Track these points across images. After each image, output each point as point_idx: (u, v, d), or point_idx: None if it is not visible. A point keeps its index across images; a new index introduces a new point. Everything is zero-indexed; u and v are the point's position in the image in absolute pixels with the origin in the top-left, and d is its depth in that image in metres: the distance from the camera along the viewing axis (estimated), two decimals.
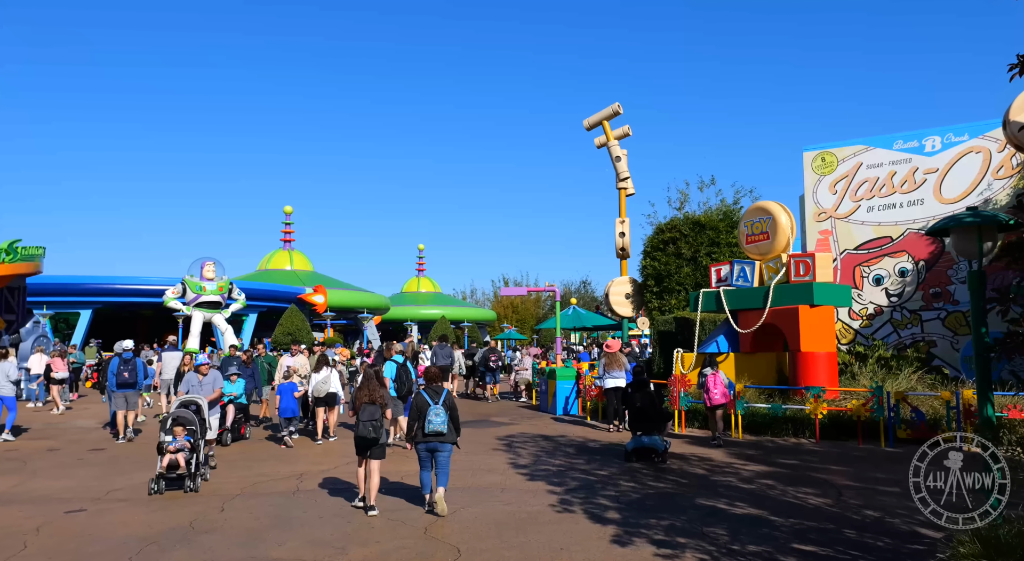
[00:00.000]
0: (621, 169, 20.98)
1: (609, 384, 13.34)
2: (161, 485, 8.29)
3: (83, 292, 35.20)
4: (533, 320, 67.61)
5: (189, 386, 10.34)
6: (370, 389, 7.76)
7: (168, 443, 8.51)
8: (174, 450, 8.42)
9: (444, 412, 7.30)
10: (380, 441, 7.54)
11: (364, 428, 7.47)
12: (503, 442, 12.16)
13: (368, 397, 7.68)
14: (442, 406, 7.32)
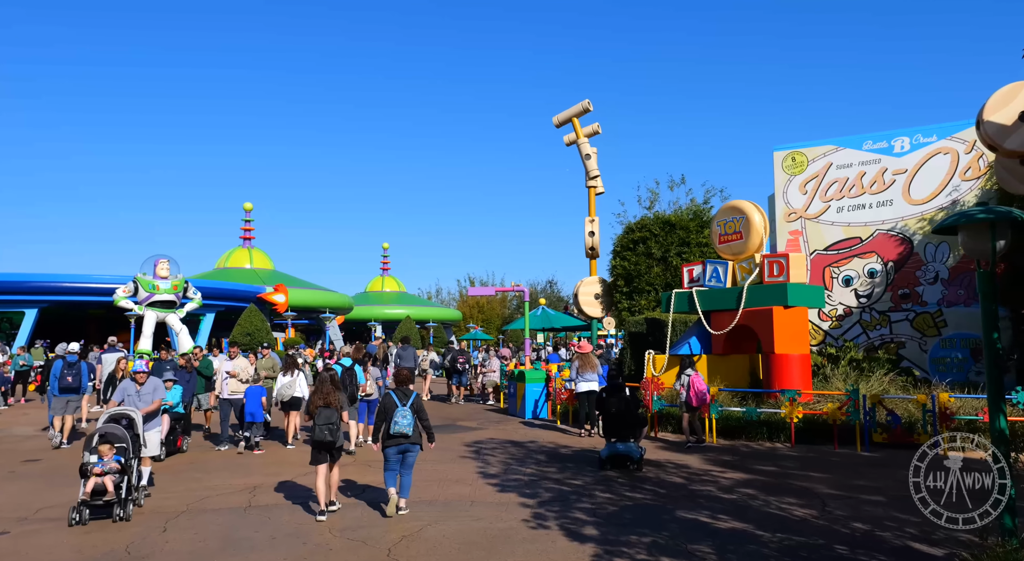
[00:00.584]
0: (591, 167, 20.64)
1: (582, 387, 12.93)
2: (84, 514, 7.11)
3: (27, 291, 33.62)
4: (499, 320, 67.17)
5: (124, 396, 8.67)
6: (324, 392, 7.68)
7: (93, 464, 7.31)
8: (100, 472, 7.25)
9: (411, 414, 7.35)
10: (337, 444, 7.54)
11: (320, 432, 7.40)
12: (471, 449, 11.65)
13: (323, 400, 7.61)
14: (409, 409, 7.37)
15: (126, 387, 8.77)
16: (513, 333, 48.64)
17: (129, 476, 7.45)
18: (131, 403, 8.53)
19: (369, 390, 11.97)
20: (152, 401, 8.77)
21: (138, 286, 27.60)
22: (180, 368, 12.40)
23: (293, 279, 45.83)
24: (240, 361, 12.22)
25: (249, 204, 48.80)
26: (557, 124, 21.48)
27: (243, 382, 11.89)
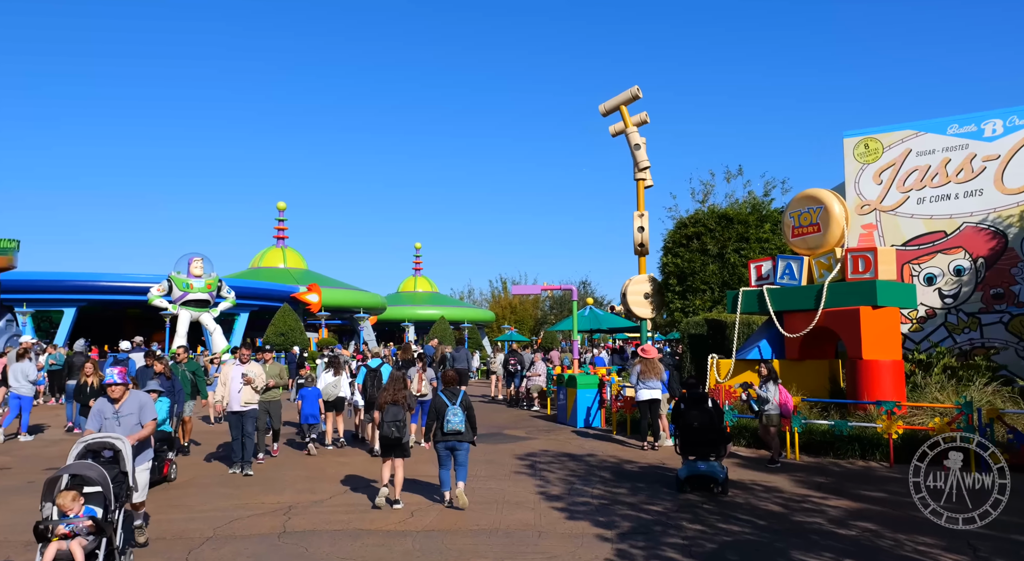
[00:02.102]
0: (640, 158, 19.36)
1: (644, 395, 11.73)
2: None
3: (66, 289, 33.45)
4: (532, 322, 66.08)
5: (100, 420, 6.23)
6: (393, 390, 8.02)
7: (53, 524, 5.02)
8: (67, 535, 4.96)
9: (461, 412, 7.67)
10: (403, 440, 7.80)
11: (387, 428, 7.74)
12: (525, 463, 10.54)
13: (391, 397, 7.93)
14: (459, 406, 7.68)
15: (101, 408, 6.30)
16: (548, 334, 47.45)
17: (110, 536, 5.15)
18: (110, 430, 6.13)
19: (424, 391, 11.68)
20: (142, 425, 6.29)
21: (172, 285, 27.19)
22: (158, 375, 10.39)
23: (326, 279, 45.33)
24: (254, 366, 10.22)
25: (283, 203, 48.51)
26: (604, 113, 20.24)
27: (258, 391, 10.05)
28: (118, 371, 6.35)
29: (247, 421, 9.82)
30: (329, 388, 11.91)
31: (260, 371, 10.19)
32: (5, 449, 11.98)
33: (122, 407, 6.29)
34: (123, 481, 5.57)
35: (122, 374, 6.36)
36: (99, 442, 5.72)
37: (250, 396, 9.91)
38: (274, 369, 10.91)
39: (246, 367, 10.02)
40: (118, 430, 6.10)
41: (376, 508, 7.63)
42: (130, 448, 5.75)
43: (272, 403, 10.78)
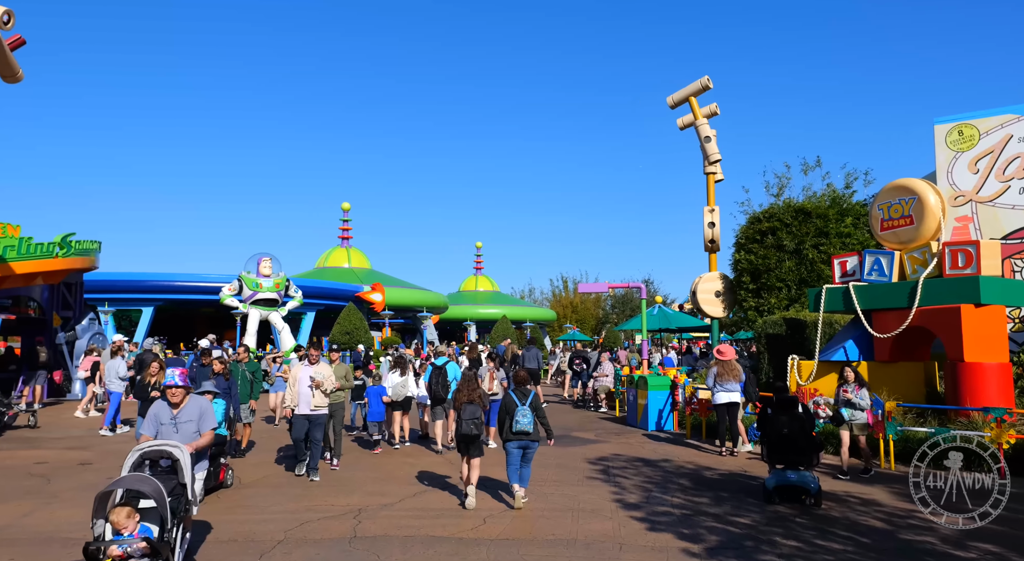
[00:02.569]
0: (711, 151, 18.68)
1: (721, 398, 11.15)
2: None
3: (144, 289, 34.67)
4: (593, 321, 65.32)
5: (156, 426, 5.81)
6: (470, 389, 8.20)
7: (106, 545, 4.58)
8: (120, 557, 4.54)
9: (531, 413, 7.67)
10: (481, 438, 7.99)
11: (467, 426, 7.90)
12: (597, 467, 10.14)
13: (467, 397, 8.10)
14: (528, 407, 7.68)
15: (157, 413, 5.86)
16: (611, 333, 46.70)
17: (167, 558, 4.77)
18: (167, 437, 5.70)
19: (495, 390, 11.68)
20: (201, 433, 5.86)
21: (242, 284, 27.68)
22: (216, 375, 10.23)
23: (389, 278, 45.74)
24: (323, 368, 9.62)
25: (347, 204, 49.22)
26: (672, 104, 19.64)
27: (327, 394, 9.48)
28: (179, 373, 5.86)
29: (315, 427, 9.34)
30: (398, 388, 11.81)
31: (329, 373, 9.63)
32: (87, 443, 12.28)
33: (181, 412, 5.84)
34: (181, 494, 5.15)
35: (183, 376, 5.86)
36: (156, 450, 5.30)
37: (320, 399, 9.39)
38: (340, 370, 10.40)
39: (315, 369, 9.44)
40: (175, 437, 5.65)
41: (466, 508, 7.70)
42: (189, 458, 5.34)
43: (336, 405, 10.12)
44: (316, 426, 9.36)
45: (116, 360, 14.00)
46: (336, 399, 10.05)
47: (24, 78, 13.24)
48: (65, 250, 19.82)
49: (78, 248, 20.52)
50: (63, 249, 19.72)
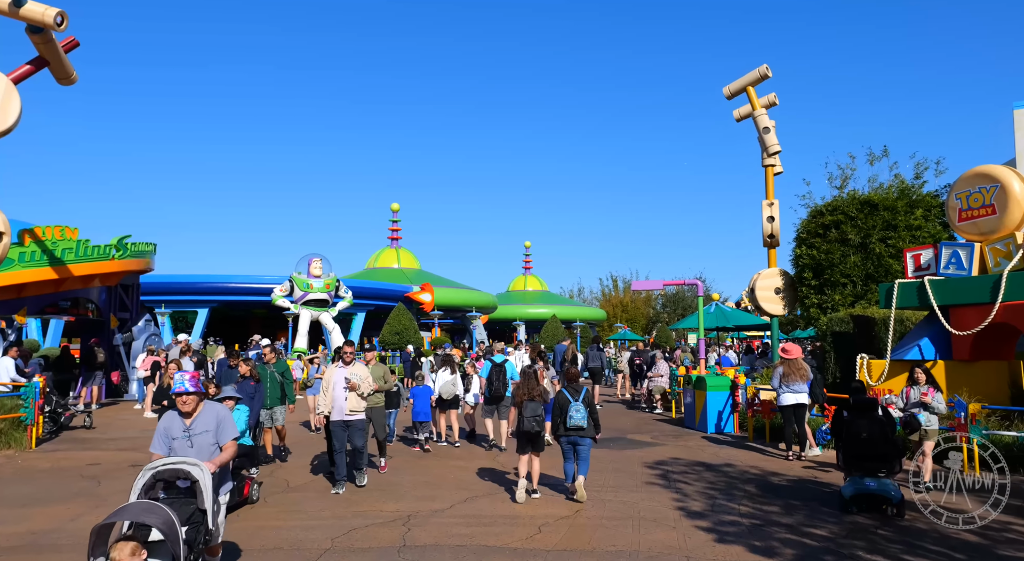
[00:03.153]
0: (771, 142, 17.92)
1: (787, 400, 10.52)
2: None
3: (199, 291, 35.36)
4: (644, 320, 64.34)
5: (167, 441, 5.00)
6: (529, 386, 8.36)
7: None
8: None
9: (584, 408, 7.87)
10: (542, 435, 8.15)
11: (528, 423, 8.06)
12: (656, 471, 9.65)
13: (528, 394, 8.27)
14: (581, 403, 7.89)
15: (168, 426, 5.01)
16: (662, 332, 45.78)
17: None
18: (182, 453, 4.88)
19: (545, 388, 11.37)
20: (221, 446, 5.03)
21: (294, 285, 27.94)
22: (244, 379, 9.38)
23: (438, 278, 45.78)
24: (359, 368, 8.84)
25: (396, 205, 49.45)
26: (728, 95, 18.93)
27: (365, 397, 8.71)
28: (190, 377, 5.04)
29: (354, 433, 8.56)
30: (447, 386, 11.76)
31: (366, 374, 8.84)
32: (140, 444, 12.33)
33: (195, 422, 4.97)
34: (201, 521, 4.37)
35: (195, 380, 5.03)
36: (171, 469, 4.50)
37: (356, 403, 8.59)
38: (378, 371, 9.67)
39: (350, 370, 8.64)
40: (191, 452, 4.84)
41: (516, 502, 7.89)
42: (210, 478, 4.54)
43: (374, 410, 9.48)
44: (357, 432, 8.59)
45: (184, 360, 14.34)
46: (374, 402, 9.45)
47: (79, 80, 13.43)
48: (121, 252, 20.18)
49: (134, 250, 20.88)
50: (119, 251, 20.08)
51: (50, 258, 18.07)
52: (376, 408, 9.50)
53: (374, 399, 9.41)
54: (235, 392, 8.05)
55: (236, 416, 7.64)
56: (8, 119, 11.94)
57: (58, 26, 11.93)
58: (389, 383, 9.93)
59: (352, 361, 8.83)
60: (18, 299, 18.43)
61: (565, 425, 7.89)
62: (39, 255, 17.87)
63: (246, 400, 8.45)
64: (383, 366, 10.05)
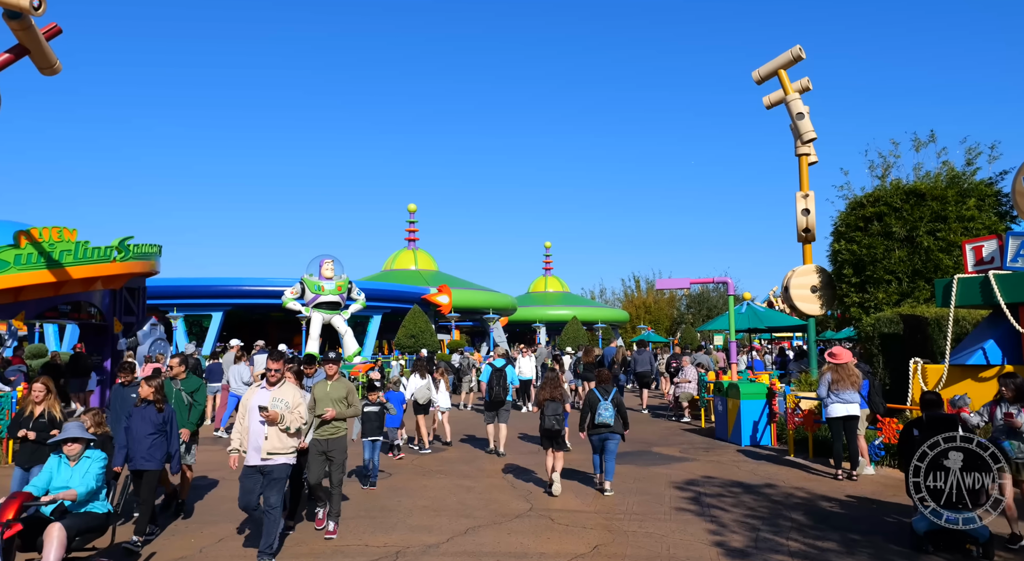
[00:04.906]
0: (805, 129, 16.67)
1: (837, 411, 9.29)
2: None
3: (213, 294, 34.75)
4: (668, 321, 62.91)
5: None
6: (552, 388, 8.87)
7: None
8: None
9: (612, 408, 8.45)
10: (561, 433, 8.64)
11: (549, 421, 8.58)
12: (686, 494, 8.49)
13: (549, 395, 8.79)
14: (610, 403, 8.48)
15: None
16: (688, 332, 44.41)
17: None
18: None
19: None
20: None
21: (304, 287, 27.10)
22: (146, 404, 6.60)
23: (456, 280, 44.85)
24: (287, 392, 6.21)
25: (413, 205, 48.67)
26: (758, 80, 17.73)
27: (291, 433, 6.12)
28: None
29: (269, 485, 5.97)
30: (421, 391, 11.76)
31: (296, 400, 6.20)
32: None
33: None
34: None
35: None
36: None
37: (279, 441, 6.05)
38: (338, 390, 7.24)
39: (273, 393, 6.14)
40: None
41: (553, 496, 8.36)
42: None
43: (334, 440, 7.07)
44: (272, 484, 5.97)
45: (240, 365, 14.32)
46: (334, 432, 7.09)
47: (62, 69, 12.60)
48: (123, 254, 19.38)
49: (136, 252, 20.08)
50: (121, 253, 19.28)
51: (48, 260, 17.37)
52: (335, 439, 7.08)
53: (335, 428, 7.13)
54: (81, 432, 5.83)
55: (83, 469, 5.63)
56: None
57: (35, 10, 11.07)
58: (355, 407, 7.37)
59: (280, 381, 6.28)
60: (16, 303, 17.74)
61: (593, 423, 8.48)
62: (36, 257, 17.16)
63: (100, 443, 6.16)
64: (346, 384, 7.41)
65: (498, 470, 10.11)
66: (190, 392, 7.69)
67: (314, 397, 7.19)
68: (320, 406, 7.11)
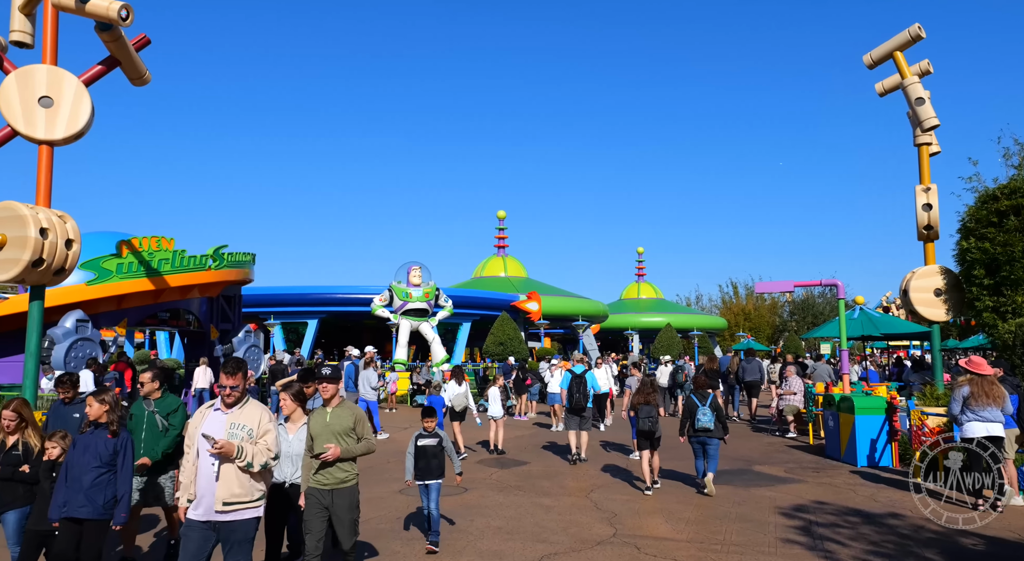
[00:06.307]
0: (926, 115, 15.03)
1: (975, 431, 7.97)
2: None
3: (308, 302, 35.64)
4: (769, 328, 59.94)
5: None
6: (646, 392, 9.42)
7: None
8: None
9: (711, 412, 8.82)
10: (657, 435, 9.12)
11: (643, 423, 9.13)
12: (794, 523, 7.45)
13: (644, 400, 9.34)
14: (708, 407, 8.83)
15: None
16: (790, 341, 41.91)
17: None
18: None
19: None
20: None
21: (393, 294, 27.19)
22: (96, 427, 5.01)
23: (546, 287, 44.26)
24: (248, 414, 4.47)
25: (503, 212, 48.50)
26: (870, 64, 16.20)
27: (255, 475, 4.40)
28: None
29: (231, 554, 4.31)
30: (458, 397, 11.77)
31: (264, 424, 4.46)
32: None
33: None
34: None
35: None
36: None
37: (239, 486, 4.30)
38: (343, 418, 5.23)
39: (231, 418, 4.41)
40: None
41: (643, 490, 9.01)
42: None
43: (340, 492, 5.17)
44: (232, 550, 4.31)
45: (369, 370, 14.58)
46: (342, 480, 5.17)
47: (151, 80, 12.88)
48: (218, 262, 19.94)
49: (231, 260, 20.63)
50: (216, 261, 19.84)
51: (147, 269, 18.04)
52: (342, 489, 5.17)
53: (336, 474, 5.16)
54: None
55: None
56: (79, 123, 11.42)
57: (123, 20, 11.32)
58: (367, 442, 5.30)
59: (240, 401, 4.46)
60: (118, 311, 18.54)
61: (693, 427, 8.87)
62: (136, 266, 17.86)
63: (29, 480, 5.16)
64: (352, 410, 5.33)
65: (581, 487, 9.36)
66: (166, 414, 6.01)
67: (310, 432, 5.24)
68: (319, 443, 5.13)
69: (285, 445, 5.54)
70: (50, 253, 10.49)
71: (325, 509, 5.11)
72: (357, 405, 5.94)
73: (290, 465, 5.61)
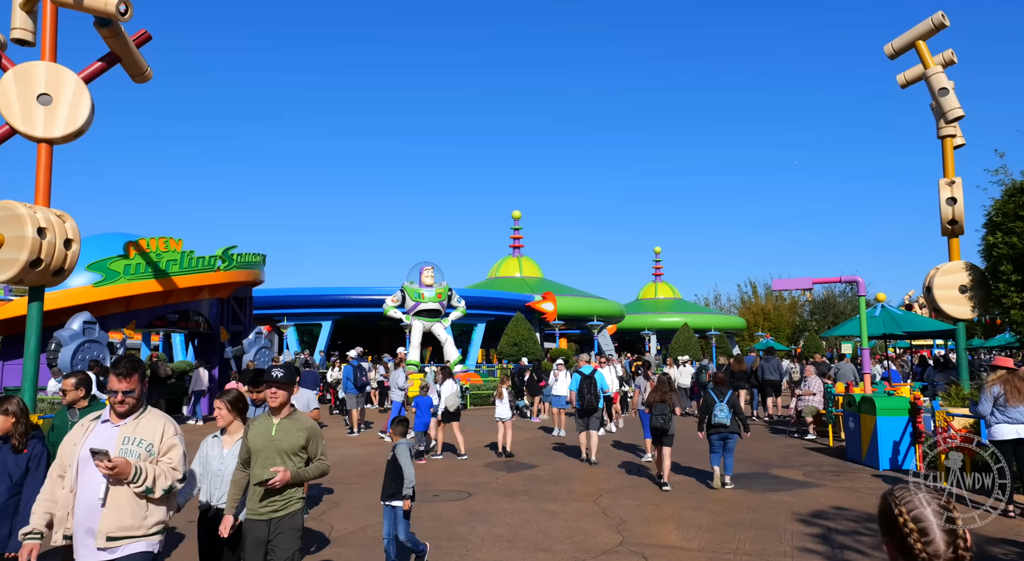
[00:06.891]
0: (950, 106, 14.53)
1: (1005, 432, 7.54)
2: None
3: (322, 303, 35.51)
4: (789, 328, 59.05)
5: None
6: (661, 391, 9.58)
7: None
8: None
9: (728, 409, 9.07)
10: (669, 432, 9.30)
11: (656, 420, 9.33)
12: (812, 530, 7.05)
13: (659, 397, 9.51)
14: (726, 404, 9.08)
15: None
16: (810, 341, 41.15)
17: None
18: None
19: None
20: None
21: (405, 295, 26.92)
22: None
23: (562, 287, 43.89)
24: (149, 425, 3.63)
25: (518, 212, 48.20)
26: (891, 54, 15.72)
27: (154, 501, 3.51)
28: None
29: None
30: (451, 398, 11.82)
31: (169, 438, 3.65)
32: None
33: None
34: None
35: None
36: None
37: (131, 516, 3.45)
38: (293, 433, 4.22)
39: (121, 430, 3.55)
40: None
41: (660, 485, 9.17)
42: None
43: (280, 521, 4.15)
44: None
45: (398, 371, 14.76)
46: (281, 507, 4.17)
47: (153, 77, 12.71)
48: (227, 263, 19.77)
49: (240, 261, 20.44)
50: (225, 262, 19.68)
51: (155, 270, 17.88)
52: (281, 517, 4.15)
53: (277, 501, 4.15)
54: None
55: None
56: (79, 120, 11.27)
57: (122, 15, 11.14)
58: (320, 463, 4.35)
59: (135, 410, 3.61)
60: (127, 312, 18.42)
61: (710, 423, 9.06)
62: (144, 267, 17.71)
63: None
64: (303, 421, 4.32)
65: (590, 492, 9.01)
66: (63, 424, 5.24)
67: (247, 445, 4.20)
68: (261, 461, 4.10)
69: (218, 463, 4.47)
70: (48, 253, 10.32)
71: (263, 542, 4.06)
72: (310, 416, 4.70)
73: None
